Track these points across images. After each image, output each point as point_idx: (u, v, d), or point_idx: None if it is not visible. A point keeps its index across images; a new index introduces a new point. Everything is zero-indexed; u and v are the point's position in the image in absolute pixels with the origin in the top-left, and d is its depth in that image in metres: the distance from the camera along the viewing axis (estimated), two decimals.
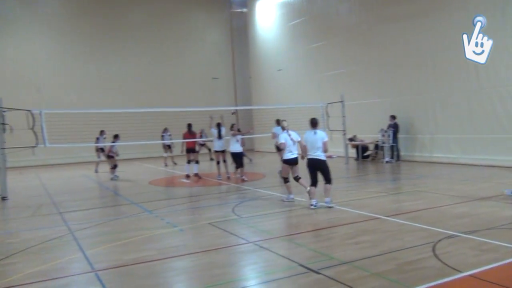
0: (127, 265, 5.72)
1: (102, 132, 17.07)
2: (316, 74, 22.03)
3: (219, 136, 13.75)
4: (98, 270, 5.58)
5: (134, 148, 23.38)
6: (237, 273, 5.37)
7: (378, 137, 17.69)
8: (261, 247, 6.32)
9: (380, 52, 18.12)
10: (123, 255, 6.15)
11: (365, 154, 18.69)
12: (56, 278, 5.37)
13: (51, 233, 7.67)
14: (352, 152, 18.92)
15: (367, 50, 18.85)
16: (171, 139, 19.13)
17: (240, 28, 29.34)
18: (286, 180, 9.59)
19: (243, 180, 13.20)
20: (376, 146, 18.18)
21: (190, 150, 14.59)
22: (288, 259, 5.71)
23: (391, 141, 16.99)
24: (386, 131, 17.18)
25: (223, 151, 13.95)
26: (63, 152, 22.59)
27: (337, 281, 4.89)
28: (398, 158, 17.04)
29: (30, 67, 23.58)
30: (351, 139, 18.74)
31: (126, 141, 17.31)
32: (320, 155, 8.65)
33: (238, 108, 20.70)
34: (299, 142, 9.27)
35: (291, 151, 9.28)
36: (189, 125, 14.80)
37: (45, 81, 23.64)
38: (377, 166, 16.16)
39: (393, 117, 17.17)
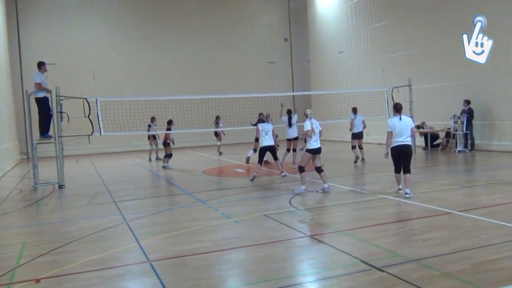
0: (181, 256, 5.86)
1: (153, 119, 17.60)
2: (380, 56, 21.45)
3: (290, 124, 14.16)
4: (152, 261, 5.76)
5: (187, 136, 23.93)
6: (295, 268, 5.35)
7: (449, 124, 16.98)
8: (320, 241, 6.27)
9: (452, 30, 17.27)
10: (177, 246, 6.32)
11: (435, 142, 18.06)
12: (111, 268, 5.60)
13: (106, 222, 8.00)
14: (421, 141, 18.37)
15: (437, 29, 18.06)
16: (222, 127, 19.38)
17: (298, 8, 29.12)
18: (303, 169, 9.94)
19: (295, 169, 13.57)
20: (448, 134, 17.49)
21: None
22: (350, 255, 5.61)
23: (464, 129, 16.26)
24: (459, 118, 16.46)
25: (296, 138, 14.40)
26: (117, 140, 23.58)
27: (403, 280, 4.75)
28: (473, 147, 16.31)
29: (86, 55, 24.71)
30: (419, 127, 18.14)
31: (179, 129, 17.75)
32: (409, 140, 8.97)
33: (296, 93, 20.59)
34: (320, 131, 9.89)
35: (316, 140, 9.74)
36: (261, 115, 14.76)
37: (100, 69, 24.63)
38: (448, 156, 15.63)
39: (467, 102, 16.42)
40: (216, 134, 19.72)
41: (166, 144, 15.89)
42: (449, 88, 17.77)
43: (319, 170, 9.89)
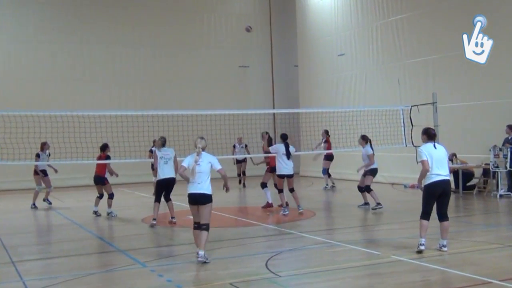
0: None
1: (44, 145, 17.21)
2: (394, 62, 21.81)
3: (288, 155, 14.20)
4: None
5: (120, 169, 23.68)
6: None
7: (488, 158, 17.24)
8: None
9: (500, 28, 17.68)
10: None
11: (469, 184, 18.28)
12: None
13: None
14: (450, 180, 18.51)
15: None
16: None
17: None
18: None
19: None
20: (485, 172, 17.74)
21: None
22: None
23: (508, 165, 16.52)
24: (501, 149, 16.73)
25: (291, 176, 14.46)
26: (17, 173, 23.07)
27: None
28: None
29: None
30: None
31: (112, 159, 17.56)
32: (449, 176, 9.43)
33: (278, 111, 20.81)
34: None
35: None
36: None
37: (3, 76, 24.56)
38: (486, 203, 15.79)
39: (511, 128, 16.76)
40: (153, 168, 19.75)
41: (102, 180, 15.41)
42: (488, 108, 18.11)
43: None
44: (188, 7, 28.02)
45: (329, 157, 20.44)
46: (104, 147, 15.39)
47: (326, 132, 20.19)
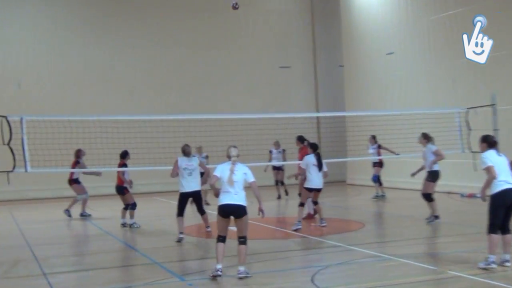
0: None
1: (79, 152, 17.39)
2: (448, 61, 21.49)
3: (320, 166, 13.77)
4: None
5: (155, 177, 23.91)
6: None
7: None
8: None
9: None
10: None
11: None
12: None
13: None
14: None
15: None
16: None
17: None
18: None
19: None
20: None
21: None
22: None
23: None
24: None
25: (319, 190, 14.06)
26: (50, 181, 23.43)
27: None
28: None
29: (7, 53, 24.86)
30: None
31: (143, 166, 17.69)
32: None
33: (323, 114, 20.69)
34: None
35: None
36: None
37: (28, 74, 24.88)
38: None
39: None
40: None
41: (122, 189, 15.55)
42: None
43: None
44: (225, 5, 28.06)
45: (380, 164, 20.17)
46: (124, 155, 15.51)
47: (373, 137, 19.89)
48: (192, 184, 12.74)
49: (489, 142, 9.42)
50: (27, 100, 23.50)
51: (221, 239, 9.16)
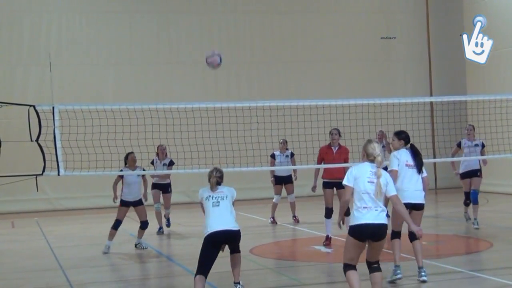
0: None
1: (161, 150, 17.53)
2: None
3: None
4: None
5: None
6: None
7: None
8: None
9: None
10: None
11: None
12: None
13: None
14: None
15: None
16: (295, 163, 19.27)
17: None
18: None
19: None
20: None
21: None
22: None
23: None
24: None
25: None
26: (89, 187, 23.91)
27: None
28: None
29: (35, 22, 25.54)
30: None
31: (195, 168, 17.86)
32: None
33: (438, 99, 20.27)
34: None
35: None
36: None
37: (61, 51, 25.55)
38: None
39: None
40: (282, 178, 19.62)
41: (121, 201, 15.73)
42: None
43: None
44: None
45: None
46: (126, 158, 15.69)
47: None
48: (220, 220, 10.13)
49: None
50: (59, 86, 23.97)
51: (353, 265, 8.68)
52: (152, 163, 17.64)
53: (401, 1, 28.66)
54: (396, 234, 10.64)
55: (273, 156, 19.23)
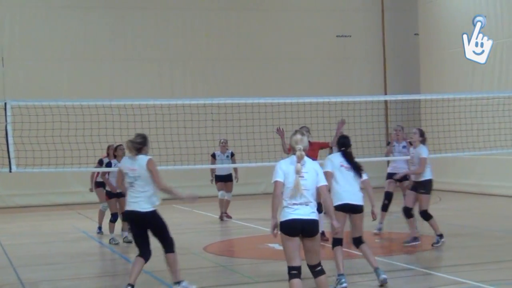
0: None
1: (116, 150, 17.39)
2: None
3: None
4: None
5: (174, 177, 24.21)
6: None
7: None
8: None
9: None
10: None
11: None
12: None
13: None
14: None
15: None
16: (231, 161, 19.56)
17: None
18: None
19: None
20: None
21: None
22: None
23: None
24: None
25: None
26: (43, 184, 23.70)
27: None
28: None
29: None
30: None
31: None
32: None
33: (392, 97, 20.44)
34: None
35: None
36: None
37: (14, 45, 25.27)
38: None
39: None
40: (223, 177, 19.85)
41: (106, 194, 15.87)
42: None
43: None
44: None
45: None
46: (115, 150, 15.63)
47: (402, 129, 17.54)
48: None
49: None
50: (12, 81, 23.94)
51: (295, 273, 8.31)
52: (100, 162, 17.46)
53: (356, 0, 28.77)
54: (337, 242, 10.36)
55: (213, 156, 19.54)
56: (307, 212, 8.16)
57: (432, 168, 13.97)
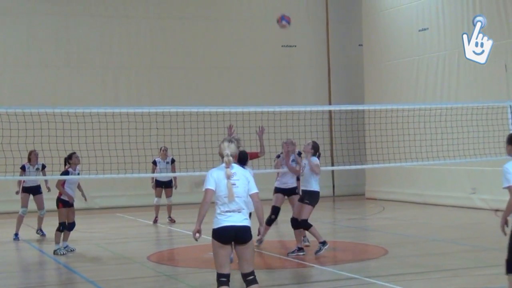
0: None
1: (71, 158, 17.22)
2: (500, 40, 21.44)
3: None
4: None
5: (117, 187, 23.96)
6: None
7: None
8: None
9: None
10: None
11: None
12: None
13: None
14: None
15: None
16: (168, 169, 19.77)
17: None
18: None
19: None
20: None
21: None
22: None
23: None
24: None
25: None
26: None
27: None
28: None
29: None
30: None
31: (97, 174, 17.56)
32: None
33: (336, 107, 20.55)
34: None
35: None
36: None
37: None
38: None
39: None
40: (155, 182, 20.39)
41: (60, 202, 15.56)
42: None
43: None
44: None
45: None
46: (68, 158, 15.49)
47: None
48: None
49: None
50: None
51: (224, 280, 8.39)
52: (23, 168, 17.43)
53: (301, 10, 28.85)
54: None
55: (154, 163, 20.26)
56: (239, 219, 8.30)
57: (363, 178, 14.29)
